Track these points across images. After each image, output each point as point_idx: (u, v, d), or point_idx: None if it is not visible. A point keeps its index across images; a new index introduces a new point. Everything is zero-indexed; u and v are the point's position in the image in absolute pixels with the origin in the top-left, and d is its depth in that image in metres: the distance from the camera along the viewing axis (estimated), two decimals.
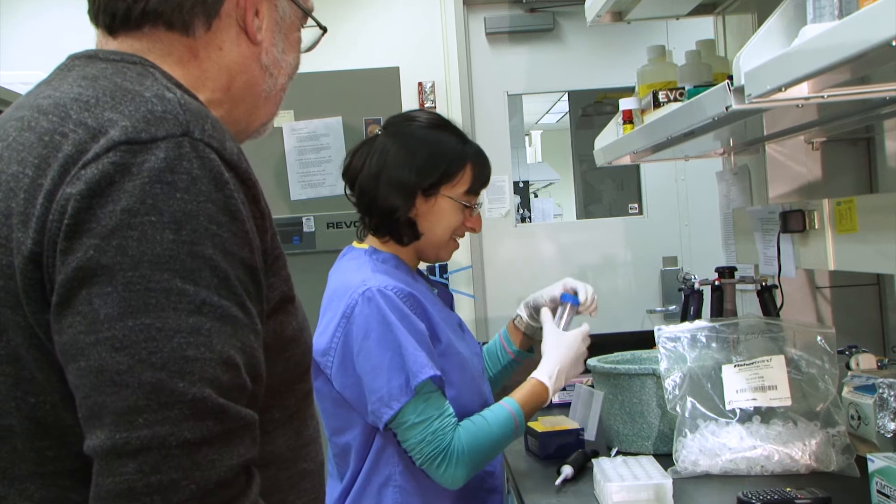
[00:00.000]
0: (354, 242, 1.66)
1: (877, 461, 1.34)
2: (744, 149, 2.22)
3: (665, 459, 1.64)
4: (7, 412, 0.79)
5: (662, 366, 1.69)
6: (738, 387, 1.64)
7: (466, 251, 3.47)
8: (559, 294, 1.76)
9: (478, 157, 1.64)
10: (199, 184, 0.76)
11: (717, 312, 2.10)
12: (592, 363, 1.87)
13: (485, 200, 1.69)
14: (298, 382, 0.92)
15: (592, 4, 2.12)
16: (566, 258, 3.57)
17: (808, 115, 1.80)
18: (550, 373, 1.59)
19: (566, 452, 1.74)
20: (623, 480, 1.49)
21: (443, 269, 3.39)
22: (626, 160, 2.22)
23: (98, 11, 0.91)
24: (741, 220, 2.06)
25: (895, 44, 0.87)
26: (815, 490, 1.42)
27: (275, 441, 0.89)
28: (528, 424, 1.89)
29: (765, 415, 1.63)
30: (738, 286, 2.15)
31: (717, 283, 2.12)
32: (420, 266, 1.71)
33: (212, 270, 0.76)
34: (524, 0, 3.52)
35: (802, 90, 1.19)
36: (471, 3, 3.53)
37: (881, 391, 1.52)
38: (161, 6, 0.89)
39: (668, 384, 1.67)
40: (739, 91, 1.24)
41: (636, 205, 3.71)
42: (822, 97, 1.20)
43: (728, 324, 1.73)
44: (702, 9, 2.26)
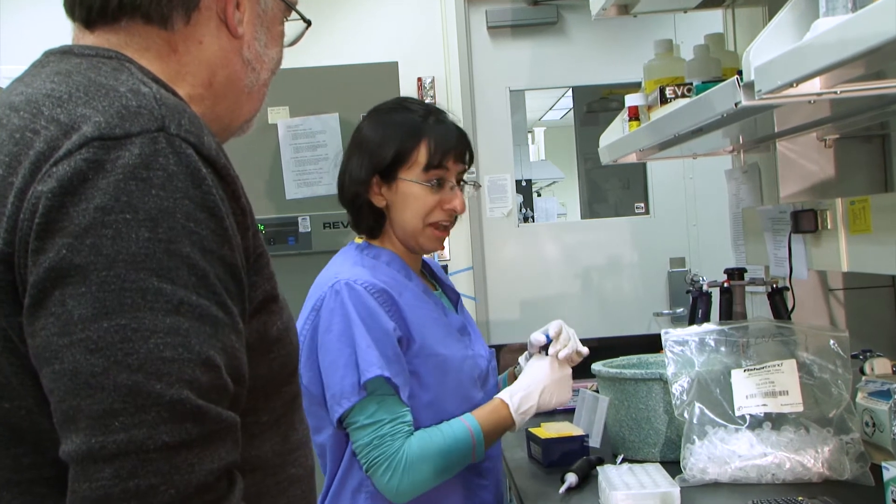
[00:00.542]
0: (356, 237, 1.68)
1: (892, 469, 1.34)
2: (754, 146, 2.22)
3: (672, 467, 1.64)
4: None
5: (670, 370, 1.69)
6: (748, 392, 1.64)
7: (467, 252, 3.47)
8: (540, 338, 1.67)
9: (436, 132, 1.58)
10: (176, 180, 0.76)
11: (727, 315, 2.10)
12: (597, 368, 1.87)
13: (466, 177, 1.65)
14: (285, 385, 0.92)
15: None
16: (570, 259, 3.57)
17: (821, 112, 1.80)
18: (513, 392, 1.57)
19: (570, 460, 1.74)
20: (629, 489, 1.49)
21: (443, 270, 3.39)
22: (632, 158, 2.22)
23: (74, 4, 0.91)
24: (751, 220, 2.06)
25: None
26: (828, 499, 1.42)
27: (262, 446, 0.89)
28: (531, 431, 1.89)
29: (776, 421, 1.63)
30: (748, 288, 2.14)
31: (727, 285, 2.12)
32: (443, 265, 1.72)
33: (190, 269, 0.75)
34: None
35: (814, 86, 1.18)
36: None
37: None
38: None
39: (676, 389, 1.67)
40: (749, 87, 1.24)
41: (642, 204, 3.71)
42: (835, 93, 1.20)
43: (737, 327, 1.73)
44: (710, 2, 2.25)
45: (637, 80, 2.09)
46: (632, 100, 2.00)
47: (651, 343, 1.99)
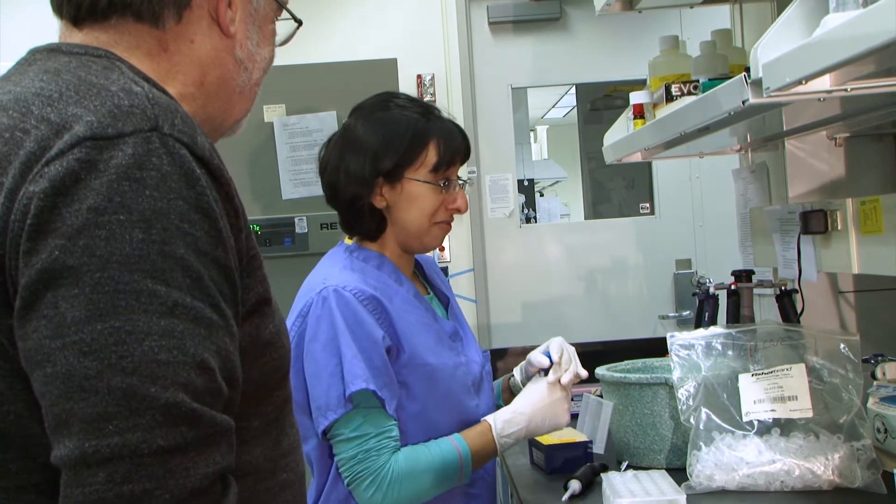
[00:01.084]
0: (346, 237, 1.67)
1: None
2: (762, 145, 2.22)
3: (678, 474, 1.64)
4: None
5: (675, 375, 1.69)
6: (756, 397, 1.64)
7: (468, 253, 3.47)
8: (543, 361, 1.66)
9: (443, 132, 1.59)
10: (170, 180, 0.77)
11: (734, 318, 2.10)
12: (601, 372, 1.87)
13: (465, 177, 1.65)
14: (277, 389, 0.93)
15: None
16: (573, 261, 3.57)
17: (831, 110, 1.80)
18: (499, 415, 1.57)
19: (574, 466, 1.74)
20: (634, 496, 1.49)
21: (443, 273, 3.39)
22: (637, 157, 2.22)
23: (62, 2, 0.91)
24: (759, 221, 2.06)
25: None
26: None
27: (253, 450, 0.89)
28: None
29: (784, 427, 1.63)
30: (756, 291, 2.14)
31: (734, 288, 2.12)
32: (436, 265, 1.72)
33: (184, 270, 0.76)
34: None
35: (824, 83, 1.18)
36: None
37: None
38: None
39: (682, 394, 1.67)
40: (757, 84, 1.24)
41: (647, 204, 3.71)
42: (846, 90, 1.20)
43: (745, 330, 1.73)
44: None
45: (642, 78, 2.09)
46: (636, 97, 2.00)
47: (656, 347, 1.99)
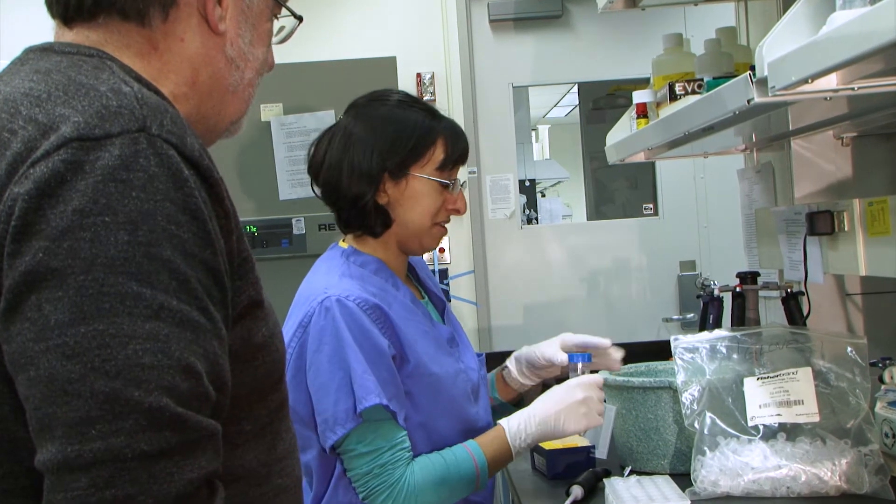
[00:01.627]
0: (340, 240, 1.65)
1: None
2: (767, 145, 2.22)
3: (682, 479, 1.63)
4: None
5: (679, 378, 1.69)
6: (762, 401, 1.63)
7: (468, 255, 3.47)
8: (558, 356, 1.69)
9: (450, 131, 1.59)
10: (157, 182, 0.77)
11: (739, 321, 2.10)
12: (604, 375, 1.87)
13: (466, 182, 1.65)
14: (271, 393, 0.93)
15: None
16: (576, 262, 3.57)
17: (838, 109, 1.79)
18: (516, 419, 1.55)
19: (576, 471, 1.74)
20: (637, 502, 1.49)
21: (442, 275, 3.39)
22: (641, 157, 2.22)
23: (52, 1, 0.92)
24: (765, 222, 2.06)
25: None
26: None
27: (245, 455, 0.89)
28: None
29: (790, 432, 1.62)
30: (762, 293, 2.14)
31: (739, 290, 2.12)
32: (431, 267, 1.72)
33: (170, 273, 0.76)
34: None
35: (831, 82, 1.18)
36: None
37: None
38: None
39: (686, 398, 1.66)
40: (762, 83, 1.23)
41: (651, 205, 3.71)
42: (853, 89, 1.20)
43: (750, 333, 1.73)
44: None
45: (645, 76, 2.09)
46: (640, 96, 2.00)
47: (660, 350, 1.99)
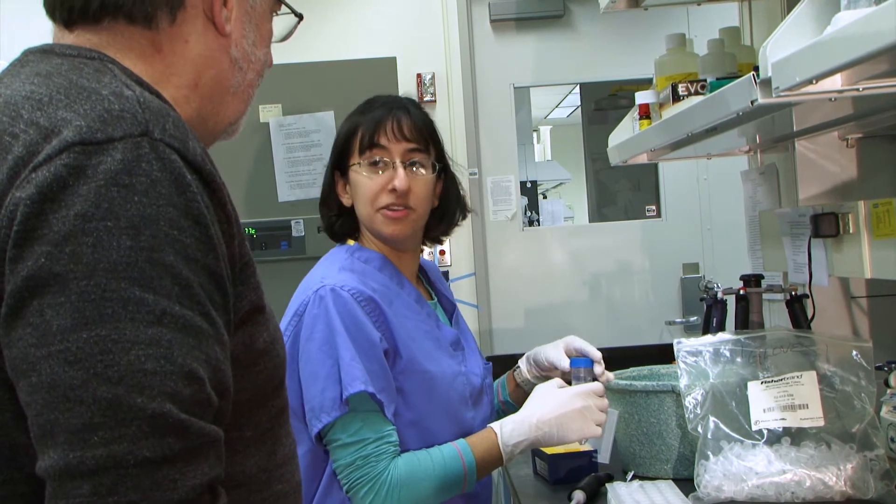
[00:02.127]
0: (349, 240, 1.68)
1: None
2: (771, 146, 2.22)
3: (686, 484, 1.64)
4: None
5: (682, 382, 1.69)
6: (766, 405, 1.63)
7: (469, 257, 3.47)
8: (563, 361, 1.68)
9: (372, 111, 1.60)
10: (160, 186, 0.77)
11: (743, 324, 2.10)
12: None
13: (404, 159, 1.62)
14: (271, 398, 0.93)
15: None
16: (578, 265, 3.57)
17: (843, 110, 1.79)
18: (507, 422, 1.55)
19: (578, 476, 1.74)
20: None
21: (443, 277, 3.39)
22: (643, 158, 2.22)
23: (55, 5, 0.92)
24: (769, 224, 2.06)
25: None
26: None
27: (246, 461, 0.90)
28: None
29: (795, 436, 1.62)
30: (766, 296, 2.14)
31: (743, 293, 2.12)
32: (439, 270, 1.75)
33: (173, 278, 0.76)
34: None
35: (836, 82, 1.18)
36: None
37: None
38: None
39: (689, 402, 1.66)
40: (766, 83, 1.24)
41: (654, 207, 3.71)
42: (858, 90, 1.20)
43: (754, 337, 1.73)
44: None
45: (648, 77, 2.09)
46: (642, 97, 2.00)
47: (663, 353, 1.99)
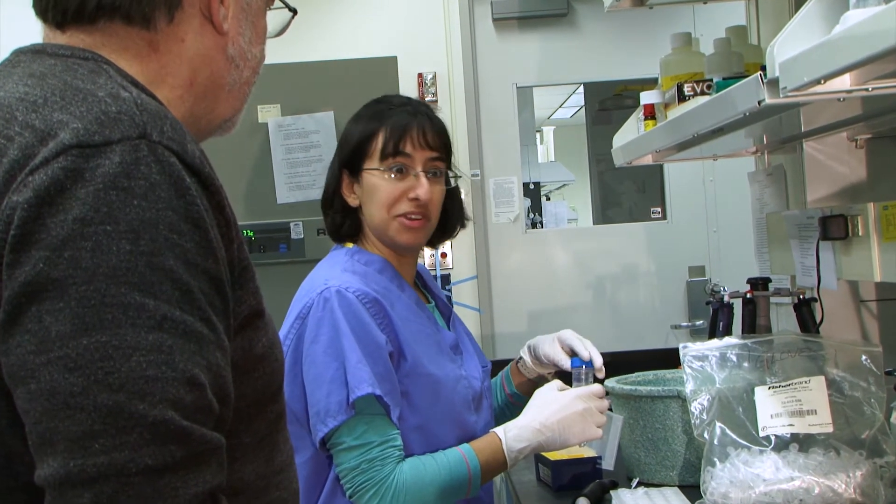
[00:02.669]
0: (348, 242, 1.68)
1: None
2: (779, 147, 2.22)
3: (692, 491, 1.63)
4: None
5: (688, 387, 1.69)
6: (773, 411, 1.63)
7: (471, 260, 3.47)
8: (564, 361, 1.68)
9: (395, 117, 1.60)
10: (158, 190, 0.77)
11: (750, 329, 2.09)
12: (611, 384, 1.86)
13: (429, 168, 1.65)
14: (269, 404, 0.93)
15: None
16: (581, 268, 3.56)
17: (851, 110, 1.79)
18: (510, 427, 1.55)
19: (582, 483, 1.74)
20: None
21: (444, 280, 3.39)
22: (648, 160, 2.22)
23: (47, 7, 0.91)
24: (776, 226, 2.05)
25: None
26: None
27: (244, 468, 0.89)
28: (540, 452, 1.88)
29: (803, 442, 1.62)
30: (773, 299, 2.14)
31: (750, 296, 2.11)
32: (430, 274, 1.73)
33: (173, 283, 0.76)
34: None
35: (844, 82, 1.18)
36: None
37: None
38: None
39: (695, 408, 1.66)
40: (774, 83, 1.23)
41: (659, 209, 3.71)
42: (867, 90, 1.20)
43: (761, 341, 1.73)
44: None
45: (653, 76, 2.09)
46: (647, 97, 2.00)
47: (668, 358, 1.99)
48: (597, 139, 4.49)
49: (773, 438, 1.62)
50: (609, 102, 4.29)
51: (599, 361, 1.66)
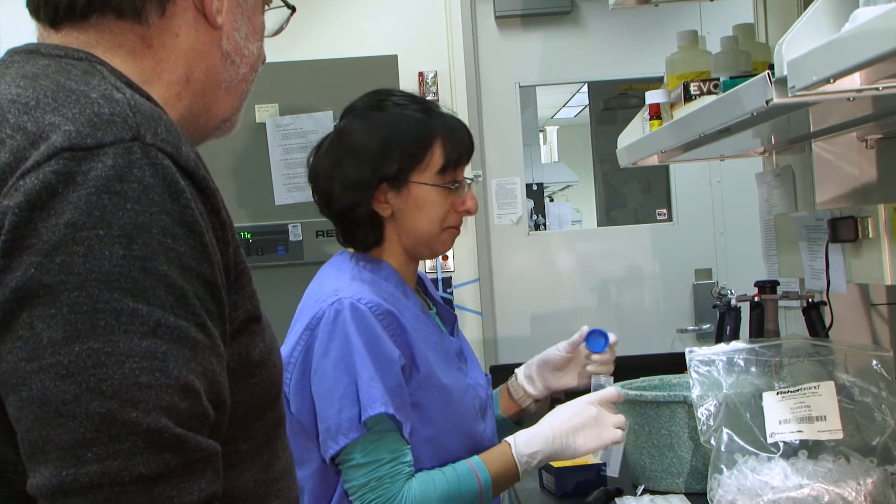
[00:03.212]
0: (349, 246, 1.66)
1: None
2: (787, 147, 2.22)
3: (698, 499, 1.63)
4: None
5: (695, 392, 1.69)
6: (782, 417, 1.63)
7: (473, 263, 3.47)
8: (577, 338, 1.72)
9: (447, 129, 1.58)
10: (152, 193, 0.77)
11: (757, 333, 2.09)
12: (621, 390, 1.86)
13: (470, 175, 1.66)
14: (268, 410, 0.93)
15: None
16: (586, 270, 3.56)
17: (861, 110, 1.79)
18: (521, 434, 1.55)
19: (586, 490, 1.74)
20: None
21: (446, 283, 3.39)
22: (654, 160, 2.22)
23: (39, 5, 0.92)
24: (784, 228, 2.05)
25: None
26: None
27: (242, 475, 0.89)
28: None
29: (812, 449, 1.62)
30: (781, 303, 2.14)
31: (757, 300, 2.11)
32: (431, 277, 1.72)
33: (167, 288, 0.76)
34: None
35: (854, 81, 1.18)
36: None
37: None
38: None
39: (702, 413, 1.66)
40: (782, 83, 1.23)
41: (665, 210, 3.71)
42: (877, 89, 1.20)
43: (769, 345, 1.73)
44: None
45: (659, 75, 2.09)
46: (653, 96, 2.00)
47: (674, 362, 1.99)
48: (601, 139, 4.49)
49: (782, 445, 1.62)
50: (614, 102, 4.30)
51: (614, 337, 1.73)
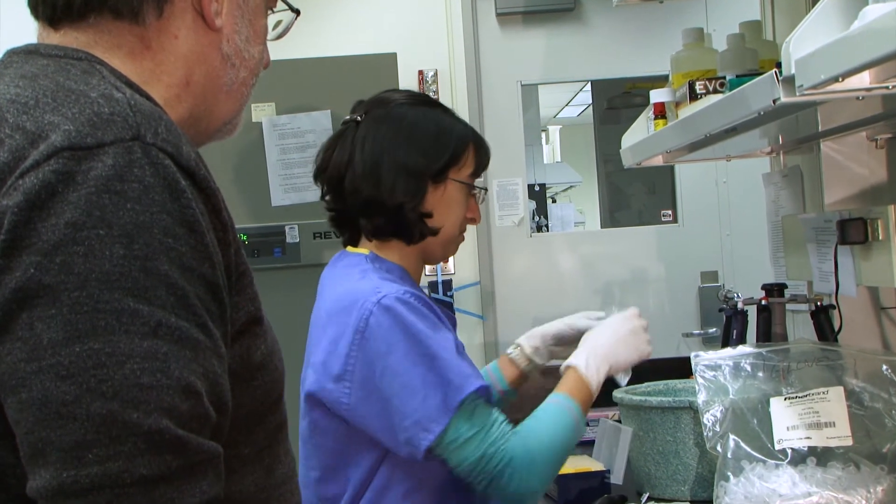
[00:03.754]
0: (348, 247, 1.65)
1: None
2: (795, 147, 2.22)
3: None
4: None
5: (700, 398, 1.69)
6: (790, 423, 1.63)
7: (474, 265, 3.47)
8: (594, 316, 1.79)
9: (477, 136, 1.66)
10: (153, 193, 0.77)
11: (765, 337, 2.10)
12: (619, 395, 1.86)
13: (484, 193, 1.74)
14: (269, 414, 0.93)
15: None
16: (589, 273, 3.57)
17: (871, 109, 1.79)
18: (582, 356, 1.58)
19: (590, 498, 1.74)
20: None
21: (446, 286, 3.39)
22: (659, 160, 2.22)
23: (38, 3, 0.93)
24: (792, 230, 2.05)
25: None
26: None
27: (243, 480, 0.90)
28: None
29: (821, 456, 1.62)
30: (789, 306, 2.14)
31: (765, 303, 2.12)
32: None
33: (168, 288, 0.77)
34: None
35: (863, 80, 1.18)
36: None
37: None
38: None
39: (708, 419, 1.66)
40: (789, 81, 1.24)
41: (670, 211, 3.71)
42: (887, 88, 1.20)
43: (777, 350, 1.73)
44: None
45: (664, 74, 2.10)
46: (658, 95, 2.00)
47: (680, 367, 1.99)
48: (605, 139, 4.50)
49: (790, 452, 1.62)
50: (618, 101, 4.29)
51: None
